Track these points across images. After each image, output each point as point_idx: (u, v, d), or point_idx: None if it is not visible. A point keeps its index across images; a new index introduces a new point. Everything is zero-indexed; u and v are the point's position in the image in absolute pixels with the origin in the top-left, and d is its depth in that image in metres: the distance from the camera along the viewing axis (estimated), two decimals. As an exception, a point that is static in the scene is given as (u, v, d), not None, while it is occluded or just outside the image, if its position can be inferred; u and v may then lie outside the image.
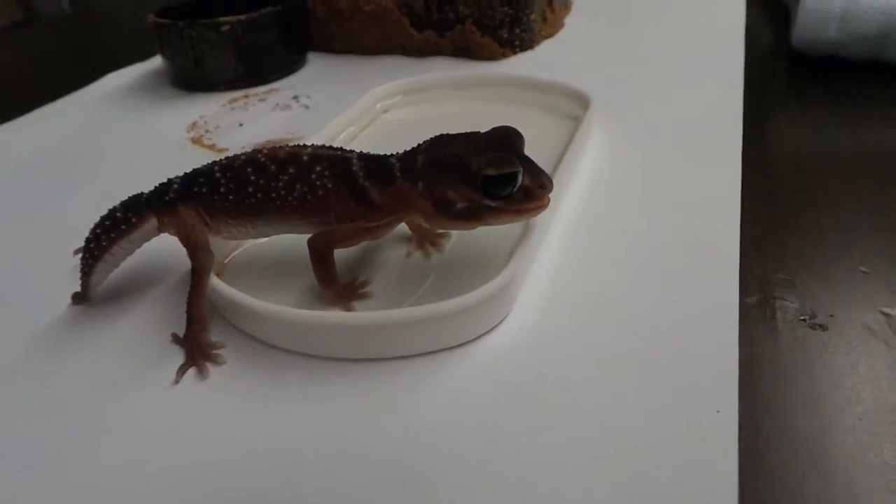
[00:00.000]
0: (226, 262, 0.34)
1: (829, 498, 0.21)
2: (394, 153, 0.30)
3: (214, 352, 0.29)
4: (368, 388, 0.27)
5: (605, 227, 0.35)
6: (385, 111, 0.50)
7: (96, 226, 0.32)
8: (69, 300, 0.33)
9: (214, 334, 0.30)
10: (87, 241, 0.32)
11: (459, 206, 0.28)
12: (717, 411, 0.23)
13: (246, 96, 0.57)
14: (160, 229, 0.32)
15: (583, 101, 0.44)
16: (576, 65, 0.57)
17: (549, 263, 0.32)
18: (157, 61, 0.65)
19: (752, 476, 0.22)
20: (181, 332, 0.30)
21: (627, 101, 0.48)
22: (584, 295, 0.30)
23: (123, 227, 0.31)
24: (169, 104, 0.57)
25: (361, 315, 0.28)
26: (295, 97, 0.56)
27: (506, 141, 0.29)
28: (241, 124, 0.52)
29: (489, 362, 0.27)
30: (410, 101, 0.51)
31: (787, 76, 0.53)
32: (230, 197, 0.30)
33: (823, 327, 0.28)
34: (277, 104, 0.55)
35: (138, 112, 0.56)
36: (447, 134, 0.30)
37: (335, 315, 0.28)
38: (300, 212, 0.30)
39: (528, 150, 0.30)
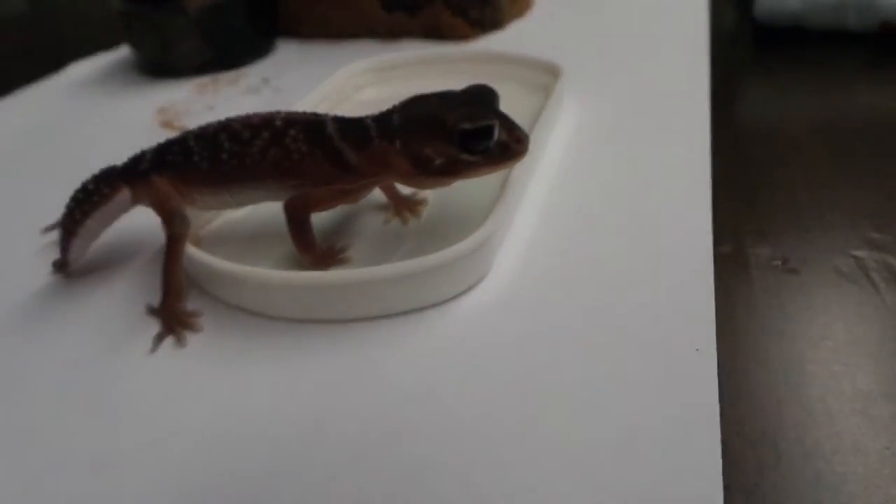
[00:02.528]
0: (200, 233, 0.34)
1: (806, 423, 0.22)
2: (368, 115, 0.30)
3: (191, 319, 0.28)
4: (348, 348, 0.26)
5: (581, 189, 0.35)
6: (356, 89, 0.50)
7: (70, 199, 0.31)
8: (43, 277, 0.32)
9: (191, 304, 0.29)
10: (63, 215, 0.31)
11: (437, 162, 0.28)
12: (697, 349, 0.24)
13: (215, 81, 0.56)
14: (134, 201, 0.32)
15: (553, 72, 0.45)
16: (546, 42, 0.57)
17: (527, 225, 0.33)
18: (122, 51, 0.64)
19: (731, 406, 0.22)
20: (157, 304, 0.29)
21: (597, 74, 0.49)
22: (563, 253, 0.31)
23: (95, 199, 0.31)
24: (136, 90, 0.56)
25: (340, 273, 0.28)
26: (265, 80, 0.55)
27: (481, 97, 0.29)
28: (211, 108, 0.51)
29: (470, 320, 0.27)
30: (382, 79, 0.51)
31: (752, 47, 0.54)
32: (204, 164, 0.30)
33: (796, 271, 0.29)
34: (248, 88, 0.54)
35: (104, 98, 0.55)
36: (422, 94, 0.30)
37: (313, 275, 0.28)
38: (275, 176, 0.30)
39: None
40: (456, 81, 0.49)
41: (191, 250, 0.30)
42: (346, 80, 0.49)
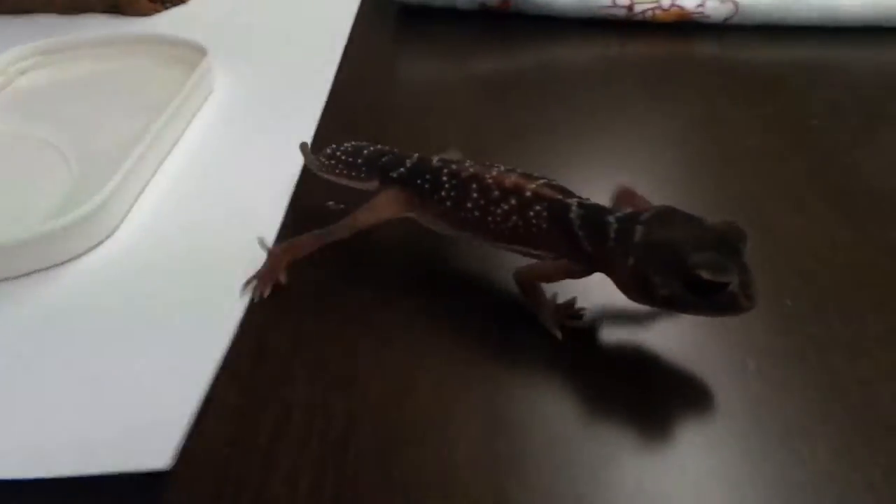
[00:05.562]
0: None
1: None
2: (613, 211, 0.30)
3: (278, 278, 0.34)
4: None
5: (201, 170, 0.43)
6: (22, 73, 0.53)
7: (341, 152, 0.37)
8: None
9: None
10: (327, 154, 0.38)
11: (660, 291, 0.27)
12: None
13: None
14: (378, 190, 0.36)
15: (202, 52, 0.51)
16: (220, 18, 0.64)
17: (159, 192, 0.40)
18: None
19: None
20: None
21: (249, 52, 0.57)
22: (170, 222, 0.38)
23: (353, 174, 0.37)
24: None
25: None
26: (-72, 64, 0.55)
27: (730, 242, 0.27)
28: None
29: (93, 275, 0.35)
30: (49, 62, 0.54)
31: (394, 23, 0.65)
32: (448, 203, 0.32)
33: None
34: None
35: None
36: (672, 209, 0.28)
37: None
38: (508, 238, 0.31)
39: (150, 99, 0.38)
40: (122, 62, 0.54)
41: None
42: (9, 65, 0.52)
